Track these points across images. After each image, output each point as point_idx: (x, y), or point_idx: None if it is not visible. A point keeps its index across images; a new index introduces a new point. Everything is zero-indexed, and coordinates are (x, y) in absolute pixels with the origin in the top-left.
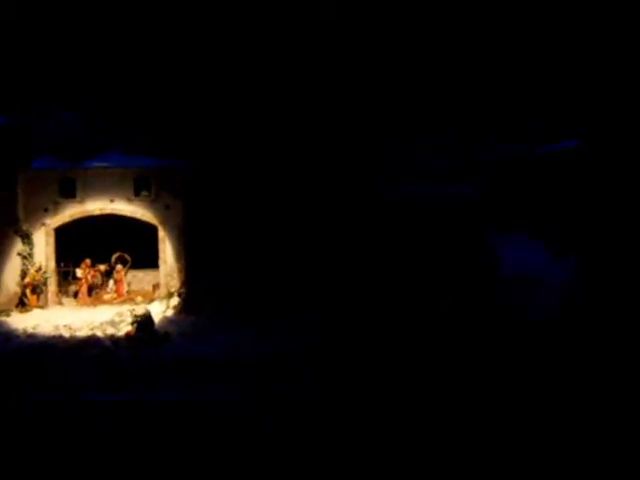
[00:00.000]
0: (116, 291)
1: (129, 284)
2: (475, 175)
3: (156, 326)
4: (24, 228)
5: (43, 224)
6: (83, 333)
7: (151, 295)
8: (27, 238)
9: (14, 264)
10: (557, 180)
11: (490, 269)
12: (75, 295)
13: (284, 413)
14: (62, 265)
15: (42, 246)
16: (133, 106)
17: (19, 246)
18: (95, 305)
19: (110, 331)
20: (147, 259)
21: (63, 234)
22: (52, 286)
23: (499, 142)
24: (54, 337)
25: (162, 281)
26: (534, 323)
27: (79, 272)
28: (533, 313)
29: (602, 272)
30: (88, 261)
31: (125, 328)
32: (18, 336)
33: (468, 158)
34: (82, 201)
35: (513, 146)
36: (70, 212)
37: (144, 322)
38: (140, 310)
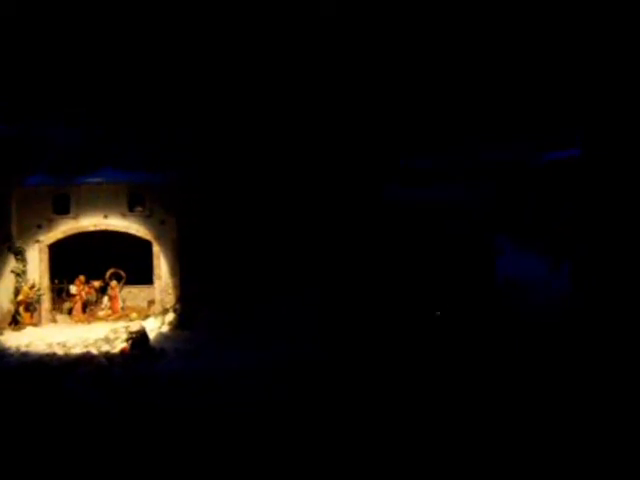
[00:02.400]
0: (111, 307)
1: (124, 300)
2: (476, 181)
3: (151, 342)
4: (17, 245)
5: (37, 241)
6: (77, 350)
7: (146, 311)
8: (20, 255)
9: (7, 282)
10: (555, 188)
11: (488, 276)
12: (69, 312)
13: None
14: (56, 282)
15: (36, 263)
16: (126, 121)
17: (12, 263)
18: (89, 322)
19: (105, 348)
20: (142, 275)
21: (57, 251)
22: (46, 303)
23: (500, 149)
24: (47, 355)
25: (157, 297)
26: (530, 331)
27: (73, 289)
28: (530, 321)
29: (599, 281)
30: (82, 277)
31: (120, 345)
32: (11, 354)
33: (470, 163)
34: (76, 217)
35: (514, 153)
36: (64, 228)
37: (139, 339)
38: (135, 326)
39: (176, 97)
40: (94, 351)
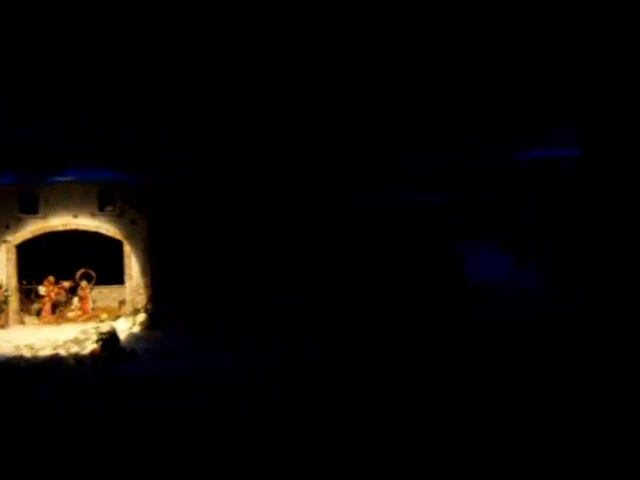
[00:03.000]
0: (81, 308)
1: (94, 301)
2: (447, 183)
3: (122, 343)
4: None
5: (4, 241)
6: (46, 353)
7: (117, 312)
8: None
9: None
10: (525, 188)
11: (455, 278)
12: (38, 313)
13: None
14: (24, 283)
15: (3, 264)
16: (98, 120)
17: None
18: (59, 323)
19: (74, 350)
20: (113, 275)
21: (25, 251)
22: (13, 304)
23: (472, 149)
24: (15, 357)
25: (128, 297)
26: (499, 331)
27: (42, 290)
28: (498, 321)
29: (567, 281)
30: (51, 278)
31: (90, 346)
32: None
33: (442, 166)
34: (45, 217)
35: (484, 154)
36: (32, 228)
37: (109, 340)
38: (105, 327)
39: (150, 96)
40: (63, 353)
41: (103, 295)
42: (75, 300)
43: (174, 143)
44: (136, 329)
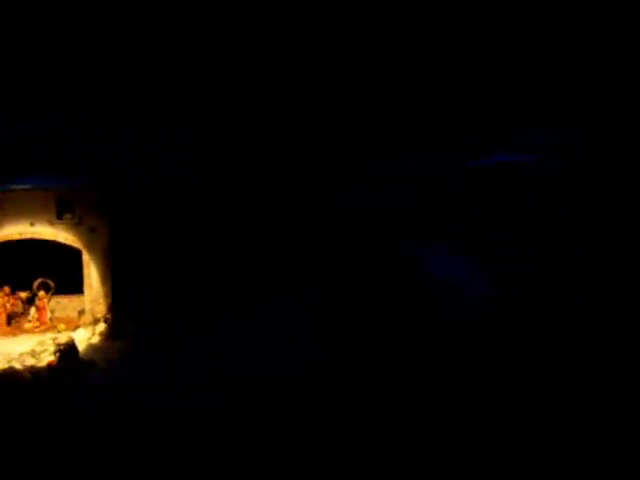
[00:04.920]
0: (38, 319)
1: (53, 311)
2: (404, 185)
3: (81, 354)
4: None
5: None
6: None
7: (76, 322)
8: None
9: None
10: (481, 193)
11: (409, 280)
12: None
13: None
14: None
15: None
16: (54, 125)
17: None
18: (15, 335)
19: (30, 362)
20: (72, 284)
21: None
22: None
23: (429, 153)
24: None
25: (87, 307)
26: (455, 333)
27: None
28: (454, 324)
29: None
30: (7, 288)
31: (47, 358)
32: None
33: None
34: None
35: (443, 158)
36: None
37: (67, 351)
38: (63, 338)
39: (112, 94)
40: (18, 366)
41: (62, 305)
42: (32, 311)
43: (137, 146)
44: (95, 339)
